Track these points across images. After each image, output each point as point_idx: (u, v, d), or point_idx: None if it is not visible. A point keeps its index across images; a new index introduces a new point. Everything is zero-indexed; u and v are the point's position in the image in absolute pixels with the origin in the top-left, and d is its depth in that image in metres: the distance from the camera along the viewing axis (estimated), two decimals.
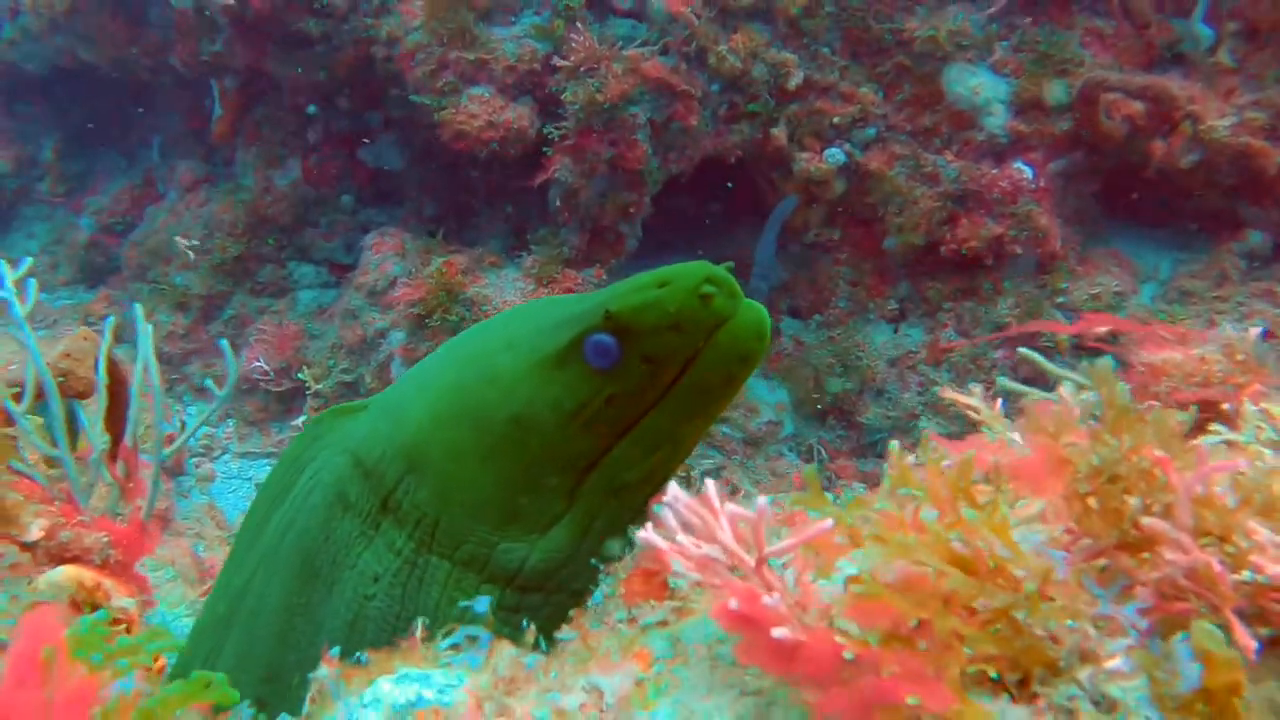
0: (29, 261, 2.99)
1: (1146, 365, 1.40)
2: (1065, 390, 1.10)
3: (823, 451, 5.73)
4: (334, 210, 6.82)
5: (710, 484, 1.01)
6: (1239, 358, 1.17)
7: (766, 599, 0.86)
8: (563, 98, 5.36)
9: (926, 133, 5.62)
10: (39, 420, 2.53)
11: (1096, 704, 0.85)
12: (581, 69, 5.32)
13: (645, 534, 1.01)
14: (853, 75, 5.68)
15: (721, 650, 1.00)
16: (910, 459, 1.06)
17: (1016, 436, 1.15)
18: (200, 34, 6.40)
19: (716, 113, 5.64)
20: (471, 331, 1.89)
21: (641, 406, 1.59)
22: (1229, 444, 1.17)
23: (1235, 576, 0.90)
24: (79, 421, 2.63)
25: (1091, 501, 0.96)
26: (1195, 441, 1.07)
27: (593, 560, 1.63)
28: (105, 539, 2.26)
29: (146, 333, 2.82)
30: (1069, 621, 0.88)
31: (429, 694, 1.04)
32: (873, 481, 1.18)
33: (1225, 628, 0.86)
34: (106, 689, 1.00)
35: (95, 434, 2.51)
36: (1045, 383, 1.72)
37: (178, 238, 6.65)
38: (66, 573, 2.01)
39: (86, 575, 2.00)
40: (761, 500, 0.93)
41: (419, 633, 1.17)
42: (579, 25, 5.41)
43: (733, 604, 0.87)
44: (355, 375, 5.93)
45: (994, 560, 0.88)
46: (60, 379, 2.55)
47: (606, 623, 1.17)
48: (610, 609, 1.21)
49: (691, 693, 0.95)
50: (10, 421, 2.49)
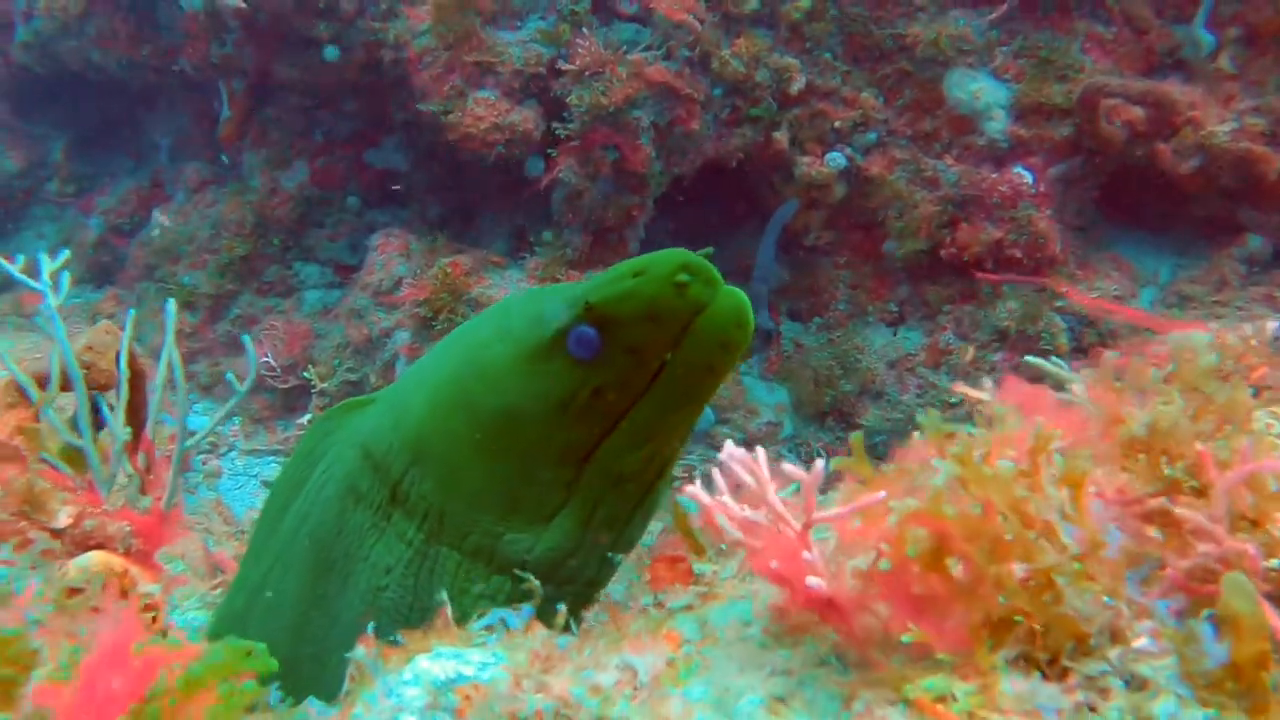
0: (65, 254, 3.03)
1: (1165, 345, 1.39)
2: (1077, 389, 1.12)
3: (823, 453, 5.77)
4: (340, 211, 6.85)
5: (760, 450, 1.03)
6: (1253, 342, 1.19)
7: (806, 554, 0.89)
8: (568, 101, 5.40)
9: (927, 137, 5.65)
10: (66, 412, 2.58)
11: (1126, 682, 0.86)
12: (586, 73, 5.35)
13: (693, 489, 1.03)
14: (854, 80, 5.72)
15: (750, 632, 1.03)
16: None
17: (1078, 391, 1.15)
18: (210, 36, 6.43)
19: (719, 117, 5.67)
20: (471, 322, 1.89)
21: (629, 397, 1.57)
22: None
23: (1266, 564, 0.91)
24: (101, 414, 2.67)
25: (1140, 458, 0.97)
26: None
27: (611, 555, 1.67)
28: (127, 528, 2.30)
29: (171, 318, 2.87)
30: (1106, 598, 0.88)
31: (468, 670, 1.06)
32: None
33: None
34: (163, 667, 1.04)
35: (118, 425, 2.56)
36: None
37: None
38: (96, 558, 2.05)
39: (116, 561, 2.04)
40: (818, 464, 0.96)
41: (450, 612, 1.19)
42: (584, 30, 5.45)
43: (774, 564, 0.90)
44: (360, 374, 5.95)
45: (1044, 524, 0.89)
46: (83, 371, 2.60)
47: (634, 606, 1.20)
48: (636, 593, 1.25)
49: (723, 672, 0.98)
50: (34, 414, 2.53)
